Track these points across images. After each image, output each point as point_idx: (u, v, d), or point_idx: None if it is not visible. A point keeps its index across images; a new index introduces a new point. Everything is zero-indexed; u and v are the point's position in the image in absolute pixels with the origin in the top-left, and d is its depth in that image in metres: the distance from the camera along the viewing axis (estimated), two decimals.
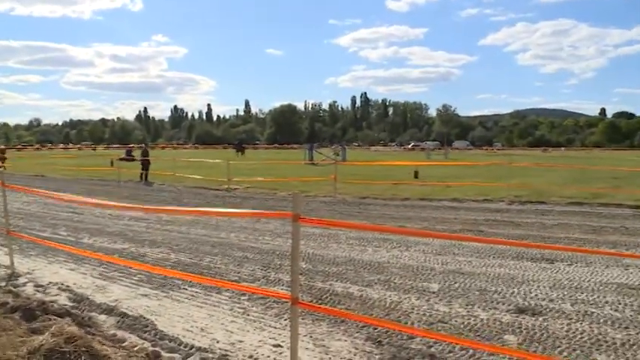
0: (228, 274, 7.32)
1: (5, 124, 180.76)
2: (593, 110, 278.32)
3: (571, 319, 5.35)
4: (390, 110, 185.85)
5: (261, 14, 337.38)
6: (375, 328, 5.09)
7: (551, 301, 5.95)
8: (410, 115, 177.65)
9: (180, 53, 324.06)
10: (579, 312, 5.55)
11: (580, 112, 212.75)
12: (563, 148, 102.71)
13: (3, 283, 6.81)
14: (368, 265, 7.67)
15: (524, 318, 5.40)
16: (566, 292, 6.26)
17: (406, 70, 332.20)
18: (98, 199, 11.86)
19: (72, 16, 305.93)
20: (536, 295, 6.18)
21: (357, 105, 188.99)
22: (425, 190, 17.67)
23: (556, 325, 5.17)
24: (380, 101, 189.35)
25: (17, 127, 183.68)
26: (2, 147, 42.56)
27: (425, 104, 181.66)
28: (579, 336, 4.90)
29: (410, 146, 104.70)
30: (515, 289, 6.39)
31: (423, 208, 14.08)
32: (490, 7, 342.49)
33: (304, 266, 7.50)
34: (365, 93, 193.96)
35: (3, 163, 31.70)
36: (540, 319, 5.37)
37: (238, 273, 7.37)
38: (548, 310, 5.64)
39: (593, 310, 5.60)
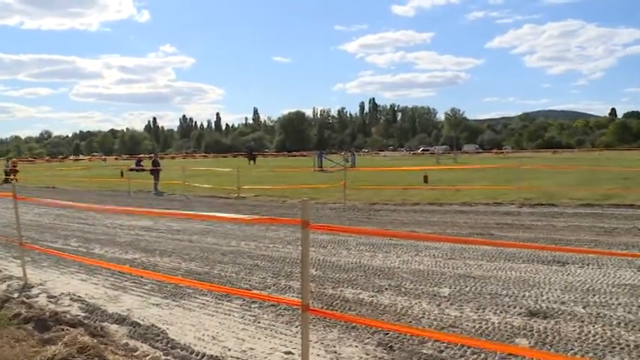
0: (238, 282, 7.34)
1: (17, 137, 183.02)
2: (602, 111, 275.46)
3: (583, 321, 5.32)
4: (399, 115, 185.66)
5: (267, 22, 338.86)
6: (387, 334, 5.08)
7: (563, 303, 5.92)
8: (418, 119, 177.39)
9: (187, 63, 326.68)
10: (592, 314, 5.52)
11: (590, 112, 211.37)
12: (576, 150, 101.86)
13: (16, 295, 6.88)
14: (378, 271, 7.66)
15: (535, 321, 5.37)
16: (578, 295, 6.22)
17: (413, 75, 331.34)
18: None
19: (80, 28, 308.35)
20: (547, 297, 6.15)
21: (365, 111, 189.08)
22: (435, 195, 17.63)
23: (568, 328, 5.15)
24: (388, 107, 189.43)
25: (28, 139, 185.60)
26: (14, 159, 42.91)
27: (433, 109, 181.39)
28: (592, 338, 4.86)
29: (420, 151, 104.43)
30: (527, 292, 6.36)
31: (432, 212, 14.04)
32: (496, 9, 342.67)
33: (314, 273, 7.51)
34: (373, 99, 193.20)
35: (15, 175, 31.99)
36: (552, 322, 5.34)
37: (249, 281, 7.38)
38: (560, 312, 5.60)
39: (606, 312, 5.56)
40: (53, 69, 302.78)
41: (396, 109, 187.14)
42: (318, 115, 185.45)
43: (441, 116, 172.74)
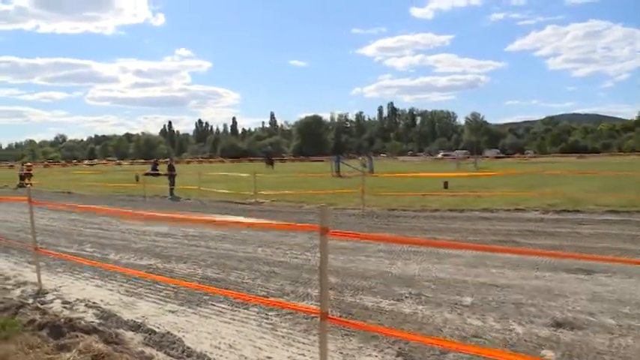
0: (255, 289, 7.23)
1: (31, 141, 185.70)
2: (630, 114, 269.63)
3: (613, 333, 5.11)
4: (418, 120, 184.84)
5: (284, 26, 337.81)
6: (407, 343, 4.93)
7: (591, 314, 5.71)
8: (438, 124, 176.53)
9: (203, 67, 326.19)
10: (622, 326, 5.31)
11: (617, 115, 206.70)
12: (603, 154, 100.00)
13: (31, 300, 6.84)
14: (398, 279, 7.50)
15: (562, 332, 5.19)
16: (606, 305, 6.00)
17: (433, 79, 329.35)
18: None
19: (95, 32, 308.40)
20: (574, 308, 5.94)
21: (384, 115, 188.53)
22: (455, 201, 17.38)
23: (597, 340, 4.95)
24: (407, 111, 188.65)
25: (43, 143, 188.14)
26: (29, 163, 43.24)
27: (453, 112, 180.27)
28: (622, 351, 4.67)
29: (440, 155, 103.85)
30: (553, 302, 6.16)
31: (453, 219, 13.83)
32: (518, 11, 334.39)
33: (333, 280, 7.36)
34: (392, 103, 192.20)
35: (29, 179, 32.26)
36: (580, 333, 5.15)
37: (266, 288, 7.27)
38: (588, 323, 5.40)
39: (637, 324, 5.34)
40: (69, 73, 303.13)
41: (415, 113, 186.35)
42: (336, 120, 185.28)
43: (461, 120, 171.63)
